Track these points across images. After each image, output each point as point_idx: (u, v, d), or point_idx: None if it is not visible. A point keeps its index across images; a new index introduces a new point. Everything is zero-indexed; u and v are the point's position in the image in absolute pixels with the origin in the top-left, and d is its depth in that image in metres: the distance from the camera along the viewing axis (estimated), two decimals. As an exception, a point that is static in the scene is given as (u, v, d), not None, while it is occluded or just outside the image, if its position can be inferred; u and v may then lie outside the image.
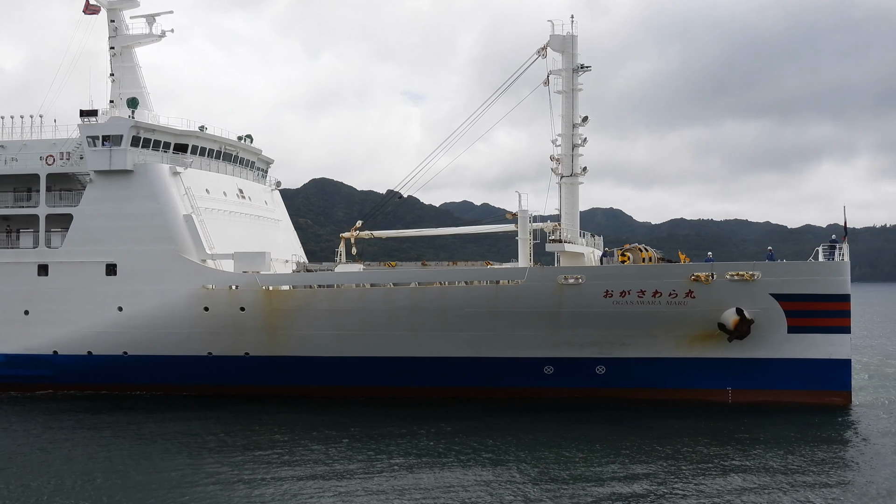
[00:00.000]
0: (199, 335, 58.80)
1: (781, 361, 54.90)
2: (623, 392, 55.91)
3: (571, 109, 61.82)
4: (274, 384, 59.23)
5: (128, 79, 68.78)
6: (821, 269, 54.38)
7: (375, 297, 56.80)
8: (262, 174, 75.71)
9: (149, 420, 51.65)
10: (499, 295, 55.37)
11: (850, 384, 55.15)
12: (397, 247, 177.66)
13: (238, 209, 67.57)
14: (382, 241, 72.35)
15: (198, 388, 59.91)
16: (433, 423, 49.33)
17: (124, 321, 59.80)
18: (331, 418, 51.50)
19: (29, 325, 61.78)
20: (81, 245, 61.28)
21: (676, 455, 41.37)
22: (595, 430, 47.54)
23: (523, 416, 51.64)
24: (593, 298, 54.19)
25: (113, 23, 69.19)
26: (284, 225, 76.13)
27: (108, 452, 43.27)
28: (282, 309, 57.61)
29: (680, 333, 55.06)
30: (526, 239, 58.98)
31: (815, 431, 46.99)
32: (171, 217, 60.10)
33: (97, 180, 61.75)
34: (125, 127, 61.38)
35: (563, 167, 61.86)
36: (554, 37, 62.09)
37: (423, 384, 57.64)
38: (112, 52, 69.07)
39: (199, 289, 58.48)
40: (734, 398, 55.37)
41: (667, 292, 53.87)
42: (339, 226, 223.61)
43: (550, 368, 56.81)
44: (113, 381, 60.88)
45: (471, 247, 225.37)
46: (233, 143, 69.84)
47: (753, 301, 53.82)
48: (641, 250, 57.70)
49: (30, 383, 61.71)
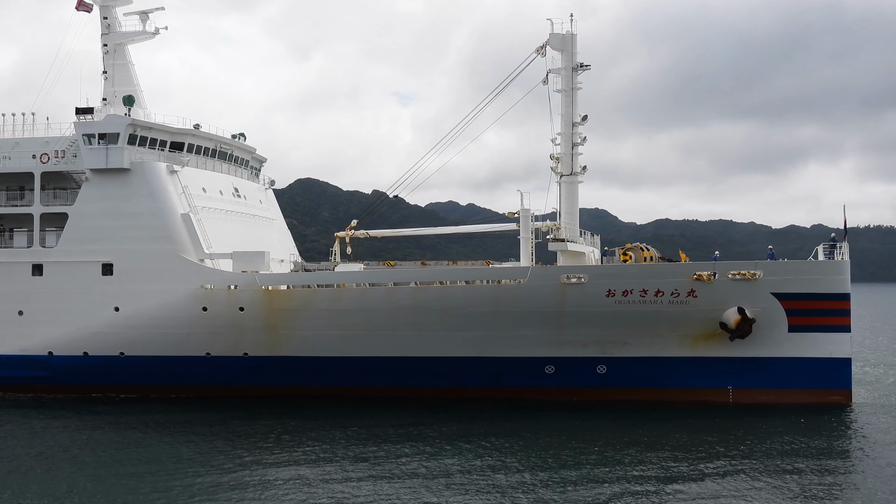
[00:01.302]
0: (198, 335, 58.93)
1: (782, 360, 55.74)
2: (624, 392, 56.57)
3: (571, 108, 62.43)
4: (273, 384, 59.51)
5: (121, 76, 68.82)
6: (822, 268, 55.22)
7: (377, 297, 57.12)
8: (256, 173, 75.97)
9: (151, 420, 51.94)
10: (501, 294, 55.88)
11: (851, 383, 56.11)
12: (382, 247, 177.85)
13: (234, 208, 67.77)
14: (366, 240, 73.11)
15: (195, 388, 60.09)
16: (434, 424, 49.83)
17: (121, 321, 59.83)
18: (331, 419, 51.93)
19: (23, 326, 61.70)
20: (77, 244, 61.23)
21: (677, 455, 42.01)
22: (596, 430, 48.20)
23: (525, 416, 52.19)
24: (596, 298, 54.83)
25: (106, 20, 69.20)
26: (279, 224, 76.37)
27: (115, 452, 43.66)
28: (282, 309, 57.84)
29: (682, 333, 55.80)
30: (528, 238, 59.46)
31: (816, 430, 47.77)
32: (168, 216, 60.16)
33: (93, 179, 61.73)
34: (122, 125, 61.35)
35: (563, 166, 62.43)
36: (553, 35, 62.68)
37: (424, 384, 58.08)
38: (105, 50, 69.06)
39: (198, 288, 58.61)
40: (735, 397, 56.20)
41: (669, 291, 54.60)
42: (325, 226, 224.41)
43: (551, 368, 57.40)
44: (109, 382, 60.90)
45: (456, 247, 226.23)
46: (228, 142, 70.03)
47: (755, 300, 54.62)
48: (643, 249, 58.44)
49: (25, 384, 61.68)
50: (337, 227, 75.68)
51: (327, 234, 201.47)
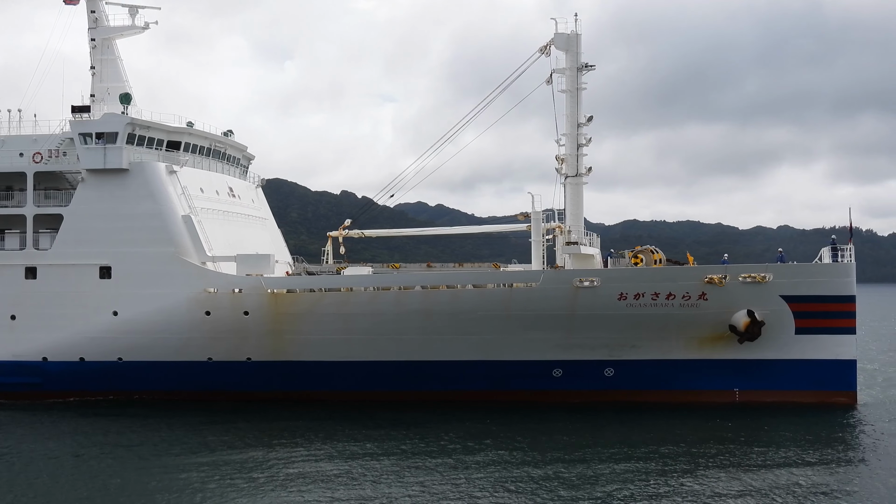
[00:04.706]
0: (200, 340, 59.36)
1: (789, 362, 57.89)
2: (631, 394, 58.36)
3: (576, 108, 64.20)
4: (278, 389, 60.20)
5: (109, 72, 68.97)
6: (829, 270, 57.34)
7: (387, 301, 58.08)
8: (245, 171, 76.50)
9: (151, 425, 52.65)
10: (513, 298, 57.17)
11: (856, 384, 58.58)
12: (351, 247, 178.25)
13: (230, 209, 68.17)
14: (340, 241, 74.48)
15: (196, 394, 60.60)
16: (443, 427, 51.05)
17: (119, 326, 60.04)
18: (337, 423, 52.88)
19: (16, 331, 61.61)
20: (73, 247, 61.19)
21: (682, 456, 43.77)
22: (603, 431, 49.95)
23: (532, 419, 53.65)
24: (608, 301, 56.51)
25: (93, 13, 69.33)
26: (270, 224, 76.94)
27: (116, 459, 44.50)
28: (288, 313, 58.55)
29: (691, 335, 57.72)
30: (539, 241, 60.92)
31: (821, 431, 49.78)
32: (169, 218, 60.38)
33: (90, 179, 61.75)
34: (121, 124, 61.48)
35: (568, 167, 64.10)
36: (558, 35, 64.36)
37: (431, 388, 59.28)
38: (92, 44, 69.18)
39: (201, 292, 59.04)
40: (741, 399, 58.30)
41: (680, 294, 56.49)
42: (293, 226, 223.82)
43: (559, 371, 58.92)
44: (106, 388, 61.17)
45: (424, 247, 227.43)
46: (222, 140, 70.45)
47: (764, 303, 56.68)
48: (653, 252, 60.42)
49: (17, 391, 61.64)
50: (305, 227, 76.58)
51: (295, 234, 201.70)
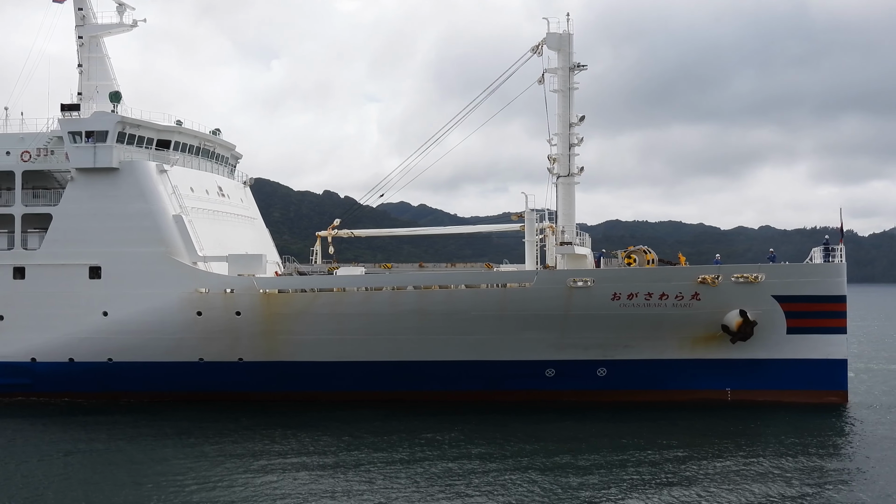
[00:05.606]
0: (191, 341, 59.45)
1: (780, 362, 58.72)
2: (623, 394, 58.98)
3: (568, 108, 64.69)
4: (270, 390, 60.40)
5: (96, 70, 68.81)
6: (821, 270, 58.23)
7: (380, 301, 58.38)
8: (233, 170, 76.58)
9: (141, 426, 52.78)
10: (507, 298, 57.59)
11: (847, 383, 59.45)
12: (336, 247, 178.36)
13: (220, 208, 68.24)
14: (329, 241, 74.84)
15: (186, 395, 60.65)
16: (437, 427, 51.44)
17: (110, 327, 60.03)
18: (330, 423, 53.12)
19: (4, 332, 61.47)
20: (62, 247, 61.12)
21: (674, 456, 44.31)
22: (594, 431, 50.47)
23: (525, 419, 54.13)
24: (602, 301, 57.09)
25: (81, 10, 69.14)
26: (259, 224, 77.05)
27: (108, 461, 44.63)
28: (280, 313, 58.75)
29: (684, 335, 58.41)
30: (533, 241, 61.37)
31: (812, 430, 50.60)
32: (160, 217, 60.43)
33: (79, 178, 61.68)
34: (111, 122, 61.43)
35: (560, 167, 64.59)
36: (551, 35, 64.79)
37: (424, 388, 59.66)
38: (80, 42, 68.99)
39: (192, 293, 59.13)
40: (733, 398, 58.96)
41: (674, 294, 57.17)
42: (276, 226, 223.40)
43: (552, 371, 59.50)
44: (96, 389, 61.11)
45: (407, 247, 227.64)
46: (211, 139, 70.52)
47: (756, 303, 57.51)
48: (646, 252, 61.10)
49: (6, 392, 61.51)
50: (287, 228, 76.84)
51: (277, 234, 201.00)
